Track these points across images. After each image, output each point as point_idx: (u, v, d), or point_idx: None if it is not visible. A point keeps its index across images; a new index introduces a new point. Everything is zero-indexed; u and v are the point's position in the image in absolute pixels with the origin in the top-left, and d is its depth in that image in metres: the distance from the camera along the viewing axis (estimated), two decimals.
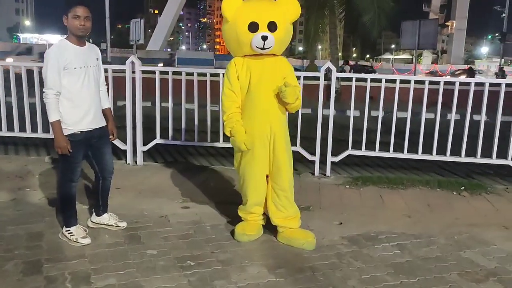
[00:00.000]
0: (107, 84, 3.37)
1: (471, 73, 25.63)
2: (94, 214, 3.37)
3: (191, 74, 5.04)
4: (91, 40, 4.12)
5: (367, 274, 2.79)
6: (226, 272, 2.74)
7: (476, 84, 4.81)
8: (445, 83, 4.80)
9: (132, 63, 4.96)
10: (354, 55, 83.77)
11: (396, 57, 63.70)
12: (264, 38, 2.92)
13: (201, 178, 4.69)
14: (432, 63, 56.92)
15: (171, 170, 4.92)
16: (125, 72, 4.98)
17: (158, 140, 5.15)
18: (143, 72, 5.09)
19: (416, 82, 4.98)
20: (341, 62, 21.20)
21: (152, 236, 3.23)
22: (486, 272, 2.87)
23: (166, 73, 5.10)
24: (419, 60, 62.67)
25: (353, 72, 16.46)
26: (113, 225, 3.31)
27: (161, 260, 2.87)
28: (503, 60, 33.67)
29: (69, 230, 3.10)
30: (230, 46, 3.17)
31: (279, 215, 3.20)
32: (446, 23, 68.01)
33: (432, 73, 33.50)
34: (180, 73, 5.17)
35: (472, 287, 2.69)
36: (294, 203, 3.28)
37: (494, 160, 4.73)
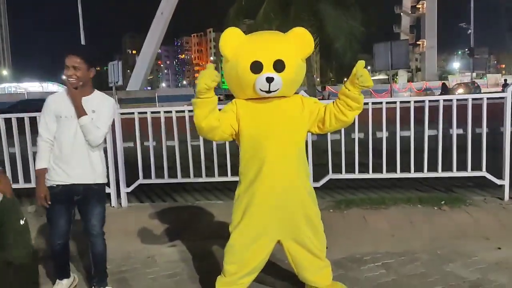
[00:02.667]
0: None
1: (445, 88, 26.38)
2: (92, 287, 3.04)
3: (170, 112, 5.14)
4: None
5: None
6: None
7: (446, 100, 5.01)
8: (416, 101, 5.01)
9: None
10: (332, 79, 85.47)
11: (373, 78, 65.03)
12: (270, 79, 2.46)
13: (187, 215, 4.71)
14: (408, 81, 58.40)
15: (156, 210, 4.93)
16: None
17: (141, 180, 5.18)
18: (123, 113, 5.17)
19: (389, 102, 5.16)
20: (319, 88, 21.63)
21: (139, 277, 3.24)
22: (469, 284, 2.95)
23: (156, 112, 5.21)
24: (395, 79, 64.29)
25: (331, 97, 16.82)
26: None
27: None
28: (474, 73, 34.84)
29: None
30: (231, 88, 2.73)
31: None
32: (417, 42, 70.35)
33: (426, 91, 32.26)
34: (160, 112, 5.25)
35: None
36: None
37: (470, 173, 4.86)
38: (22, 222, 2.40)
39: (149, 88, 60.64)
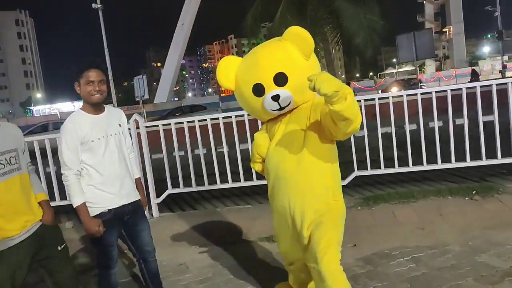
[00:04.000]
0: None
1: (474, 74, 25.57)
2: None
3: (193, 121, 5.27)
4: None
5: None
6: None
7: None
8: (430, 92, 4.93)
9: (136, 121, 5.20)
10: (357, 74, 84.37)
11: (399, 70, 63.96)
12: (276, 98, 2.31)
13: (217, 221, 4.80)
14: (436, 70, 56.95)
15: (186, 218, 5.04)
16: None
17: (170, 190, 5.31)
18: (149, 126, 5.34)
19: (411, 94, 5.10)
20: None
21: (172, 285, 3.33)
22: (502, 273, 2.89)
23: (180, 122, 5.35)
24: (423, 69, 62.82)
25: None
26: None
27: None
28: (506, 57, 33.63)
29: None
30: (253, 115, 2.68)
31: None
32: (443, 29, 68.52)
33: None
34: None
35: None
36: None
37: (500, 160, 4.74)
38: (60, 248, 2.50)
39: (176, 99, 61.61)
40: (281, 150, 2.39)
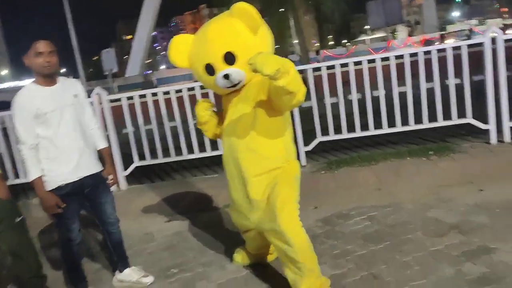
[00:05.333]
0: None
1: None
2: (118, 271, 3.02)
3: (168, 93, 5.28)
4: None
5: (338, 249, 2.99)
6: (207, 273, 2.94)
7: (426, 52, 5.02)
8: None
9: (98, 94, 5.14)
10: (331, 42, 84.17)
11: (372, 37, 64.14)
12: (226, 76, 2.37)
13: (183, 191, 4.87)
14: (408, 36, 57.37)
15: (154, 189, 5.10)
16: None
17: (137, 162, 5.34)
18: (115, 100, 5.31)
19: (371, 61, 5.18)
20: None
21: (137, 254, 3.42)
22: (449, 226, 3.08)
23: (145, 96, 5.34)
24: (394, 35, 63.18)
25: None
26: (136, 282, 2.94)
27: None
28: (475, 21, 34.13)
29: None
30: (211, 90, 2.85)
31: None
32: None
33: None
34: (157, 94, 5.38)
35: (435, 242, 2.89)
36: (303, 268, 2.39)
37: (455, 121, 4.92)
38: (18, 219, 2.57)
39: (149, 72, 60.36)
40: (234, 123, 2.48)
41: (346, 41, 77.12)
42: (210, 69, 2.42)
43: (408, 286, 2.43)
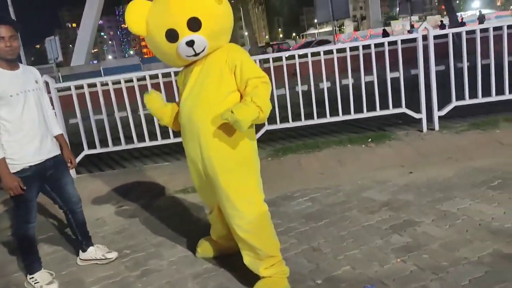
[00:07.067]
0: None
1: (386, 35, 26.97)
2: (80, 251, 3.10)
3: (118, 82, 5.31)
4: None
5: (282, 227, 3.23)
6: (159, 252, 3.08)
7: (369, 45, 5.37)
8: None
9: (46, 82, 5.08)
10: (281, 35, 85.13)
11: (320, 30, 65.58)
12: (190, 43, 2.25)
13: (135, 179, 4.95)
14: (354, 30, 59.19)
15: (104, 178, 5.13)
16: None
17: (86, 151, 5.34)
18: (64, 89, 5.26)
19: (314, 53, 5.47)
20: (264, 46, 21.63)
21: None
22: (380, 204, 3.40)
23: (94, 85, 5.33)
24: (342, 29, 64.95)
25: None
26: (101, 258, 3.04)
27: None
28: (415, 17, 35.82)
29: (33, 277, 2.83)
30: (165, 61, 2.54)
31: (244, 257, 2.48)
32: None
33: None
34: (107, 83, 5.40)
35: (368, 218, 3.20)
36: (262, 248, 2.39)
37: (391, 111, 5.33)
38: None
39: (95, 62, 58.30)
40: (194, 96, 2.37)
41: (295, 34, 78.39)
42: (172, 35, 2.26)
43: (343, 255, 2.70)
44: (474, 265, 2.39)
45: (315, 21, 69.65)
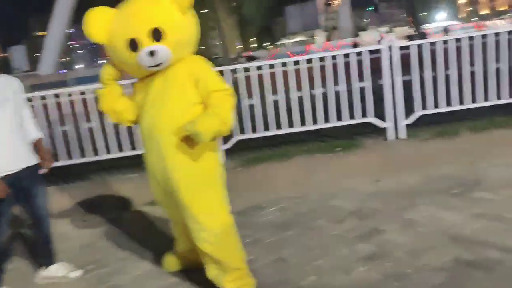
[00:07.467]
0: None
1: (355, 45, 27.52)
2: (42, 268, 3.00)
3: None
4: None
5: (250, 238, 3.22)
6: (124, 267, 3.03)
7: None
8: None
9: None
10: (255, 45, 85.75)
11: (293, 40, 66.41)
12: (152, 54, 2.21)
13: (101, 192, 4.84)
14: (326, 40, 60.17)
15: (70, 191, 4.99)
16: None
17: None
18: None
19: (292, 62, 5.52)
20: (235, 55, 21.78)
21: None
22: (347, 212, 3.45)
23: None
24: (314, 39, 65.95)
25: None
26: (62, 277, 2.93)
27: None
28: (384, 28, 36.75)
29: None
30: (126, 70, 2.48)
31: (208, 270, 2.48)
32: (330, 1, 72.22)
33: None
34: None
35: (336, 227, 3.23)
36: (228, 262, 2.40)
37: (358, 120, 5.43)
38: None
39: (65, 71, 57.01)
40: (155, 109, 2.31)
41: (268, 43, 79.20)
42: (133, 45, 2.22)
43: (309, 265, 2.72)
44: (436, 272, 2.44)
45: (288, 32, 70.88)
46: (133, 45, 2.23)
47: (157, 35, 2.21)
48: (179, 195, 2.34)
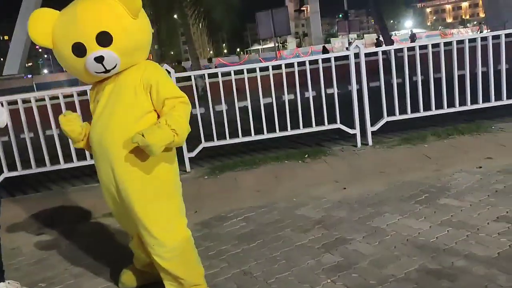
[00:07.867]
0: None
1: (325, 51, 27.89)
2: None
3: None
4: None
5: (213, 250, 3.10)
6: (78, 284, 2.84)
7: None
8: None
9: None
10: (225, 50, 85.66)
11: (264, 46, 66.68)
12: (99, 59, 2.08)
13: (59, 202, 4.61)
14: (296, 47, 60.77)
15: (26, 202, 4.75)
16: None
17: (6, 173, 4.93)
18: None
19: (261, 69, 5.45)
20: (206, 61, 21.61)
21: None
22: (314, 222, 3.37)
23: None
24: (285, 46, 66.46)
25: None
26: None
27: None
28: (354, 35, 37.32)
29: None
30: (76, 77, 2.33)
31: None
32: (302, 8, 73.09)
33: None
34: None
35: (301, 237, 3.14)
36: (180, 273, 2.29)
37: (326, 126, 5.40)
38: None
39: (29, 76, 55.35)
40: (105, 118, 2.18)
41: (239, 49, 79.19)
42: (79, 50, 2.08)
43: (274, 278, 2.61)
44: (400, 282, 2.39)
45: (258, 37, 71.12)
46: (79, 49, 2.09)
47: (104, 40, 2.08)
48: (132, 209, 2.21)
